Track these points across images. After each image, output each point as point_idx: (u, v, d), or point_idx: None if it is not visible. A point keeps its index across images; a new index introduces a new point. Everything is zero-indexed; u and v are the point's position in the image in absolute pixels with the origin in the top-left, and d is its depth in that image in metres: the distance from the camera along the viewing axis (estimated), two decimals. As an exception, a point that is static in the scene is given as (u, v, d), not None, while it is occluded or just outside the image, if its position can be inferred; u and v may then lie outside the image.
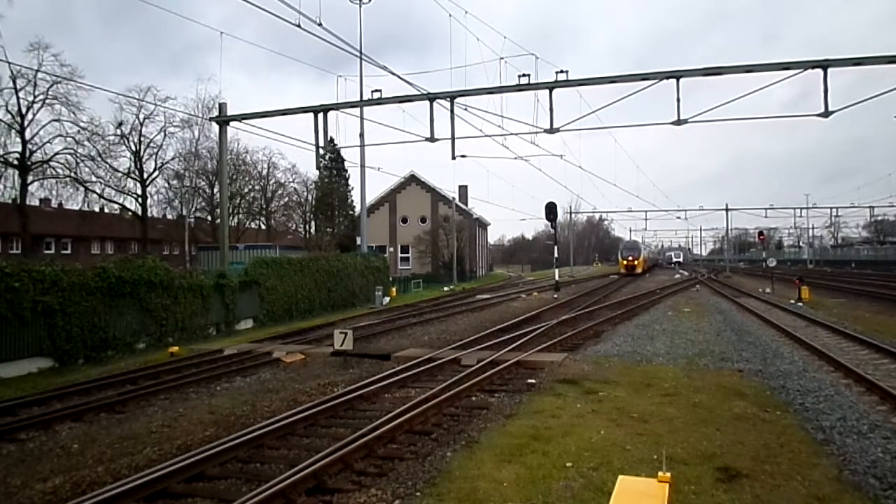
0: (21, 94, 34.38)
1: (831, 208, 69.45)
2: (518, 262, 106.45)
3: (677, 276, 59.18)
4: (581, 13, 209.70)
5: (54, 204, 45.88)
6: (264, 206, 52.94)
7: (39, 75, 33.64)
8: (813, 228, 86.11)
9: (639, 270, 59.31)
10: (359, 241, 38.14)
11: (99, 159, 39.37)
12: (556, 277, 39.01)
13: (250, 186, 51.18)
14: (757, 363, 12.39)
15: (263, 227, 54.38)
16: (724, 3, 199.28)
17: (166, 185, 46.28)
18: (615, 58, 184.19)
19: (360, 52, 21.74)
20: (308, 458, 6.56)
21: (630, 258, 60.50)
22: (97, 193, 41.06)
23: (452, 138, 18.59)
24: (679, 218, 76.77)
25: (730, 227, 77.02)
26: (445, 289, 43.36)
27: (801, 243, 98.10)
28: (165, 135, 43.18)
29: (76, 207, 42.38)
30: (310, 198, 54.21)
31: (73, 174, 38.12)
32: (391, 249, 55.13)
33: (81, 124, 37.10)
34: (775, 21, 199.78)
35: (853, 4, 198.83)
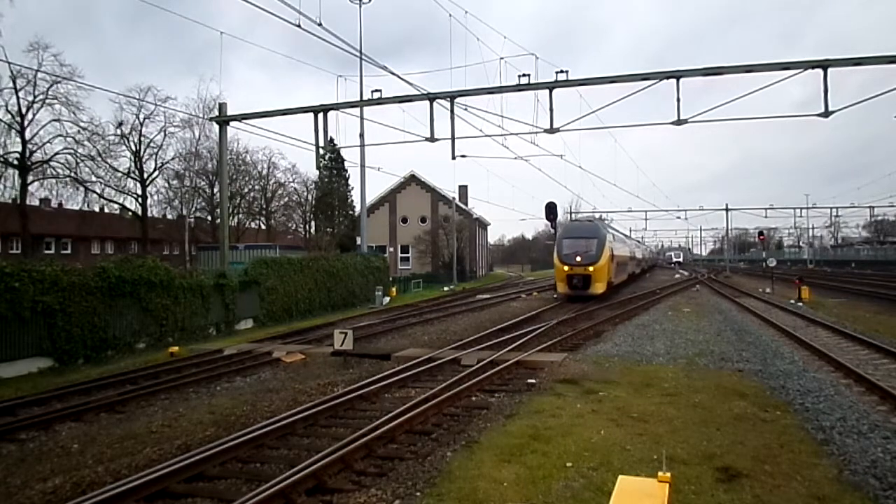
0: (21, 94, 34.43)
1: (831, 208, 69.26)
2: (518, 262, 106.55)
3: (677, 276, 59.19)
4: (601, 13, 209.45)
5: (54, 204, 45.88)
6: (264, 206, 52.95)
7: (39, 75, 33.72)
8: (813, 228, 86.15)
9: (599, 289, 27.29)
10: (359, 241, 38.14)
11: (99, 159, 39.43)
12: (557, 277, 38.75)
13: (250, 186, 51.20)
14: (757, 363, 12.39)
15: (263, 227, 54.38)
16: (743, 3, 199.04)
17: (166, 185, 46.40)
18: (634, 57, 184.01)
19: (360, 53, 21.74)
20: (308, 458, 6.57)
21: (577, 259, 27.31)
22: (97, 193, 41.16)
23: (452, 138, 18.60)
24: (679, 218, 76.64)
25: (730, 227, 76.88)
26: (445, 289, 43.33)
27: (801, 243, 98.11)
28: (165, 135, 43.26)
29: (76, 207, 42.49)
30: (310, 198, 54.26)
31: (73, 174, 38.17)
32: (391, 249, 55.10)
33: (81, 124, 37.15)
34: (796, 20, 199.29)
35: (874, 3, 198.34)
